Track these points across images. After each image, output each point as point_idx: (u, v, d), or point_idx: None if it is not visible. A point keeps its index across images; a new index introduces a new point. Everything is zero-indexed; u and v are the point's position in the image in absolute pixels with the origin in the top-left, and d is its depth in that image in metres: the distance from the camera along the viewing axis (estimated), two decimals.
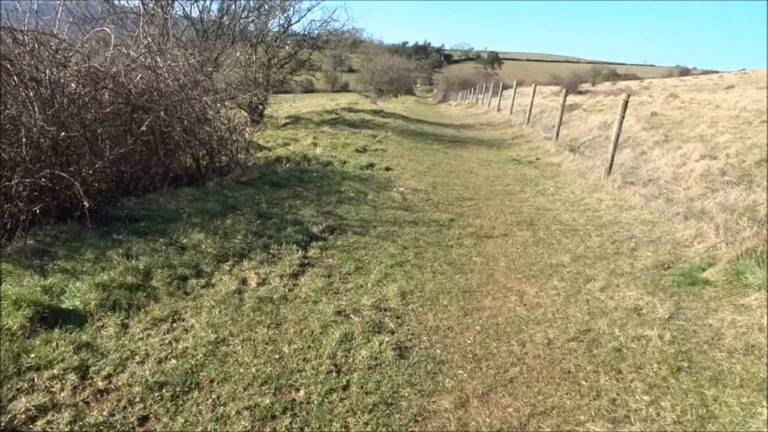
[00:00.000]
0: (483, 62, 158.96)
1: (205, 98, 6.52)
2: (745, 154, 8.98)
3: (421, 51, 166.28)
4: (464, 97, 44.30)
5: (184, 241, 4.41)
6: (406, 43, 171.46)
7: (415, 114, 24.97)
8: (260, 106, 16.95)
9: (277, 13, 16.75)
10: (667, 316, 3.80)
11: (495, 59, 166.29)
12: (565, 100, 12.61)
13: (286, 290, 3.89)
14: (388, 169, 8.73)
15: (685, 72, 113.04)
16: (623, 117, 8.54)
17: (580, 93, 48.91)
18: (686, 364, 3.20)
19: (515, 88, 20.82)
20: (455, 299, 4.03)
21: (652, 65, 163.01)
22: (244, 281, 3.95)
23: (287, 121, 14.39)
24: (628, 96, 8.53)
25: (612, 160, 8.67)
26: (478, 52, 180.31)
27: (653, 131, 12.26)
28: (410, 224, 5.74)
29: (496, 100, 25.41)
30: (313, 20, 17.80)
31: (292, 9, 16.74)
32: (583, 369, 3.16)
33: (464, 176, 9.05)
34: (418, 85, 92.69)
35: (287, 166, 7.91)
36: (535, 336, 3.54)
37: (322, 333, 3.32)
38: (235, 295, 3.70)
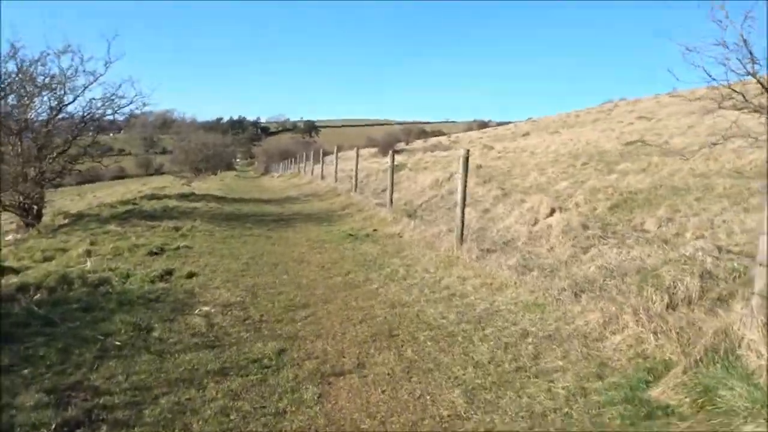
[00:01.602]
0: (300, 131, 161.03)
1: None
2: (593, 201, 8.31)
3: (237, 125, 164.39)
4: (286, 168, 43.00)
5: None
6: (221, 119, 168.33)
7: (233, 191, 22.78)
8: (34, 206, 13.76)
9: (43, 94, 13.90)
10: None
11: (312, 127, 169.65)
12: (393, 161, 11.48)
13: None
14: (191, 275, 6.57)
15: (483, 125, 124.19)
16: (466, 174, 7.38)
17: (397, 152, 50.30)
18: None
19: (336, 154, 19.73)
20: None
21: (454, 121, 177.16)
22: None
23: (65, 221, 11.51)
24: (468, 152, 7.43)
25: (462, 225, 7.43)
26: (294, 122, 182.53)
27: (487, 185, 11.55)
28: (217, 377, 3.70)
29: (318, 167, 24.23)
30: (94, 99, 14.56)
31: (62, 88, 14.00)
32: None
33: (294, 268, 7.20)
34: (238, 159, 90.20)
35: (36, 297, 5.43)
36: None
37: None
38: None
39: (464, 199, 7.38)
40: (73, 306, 5.16)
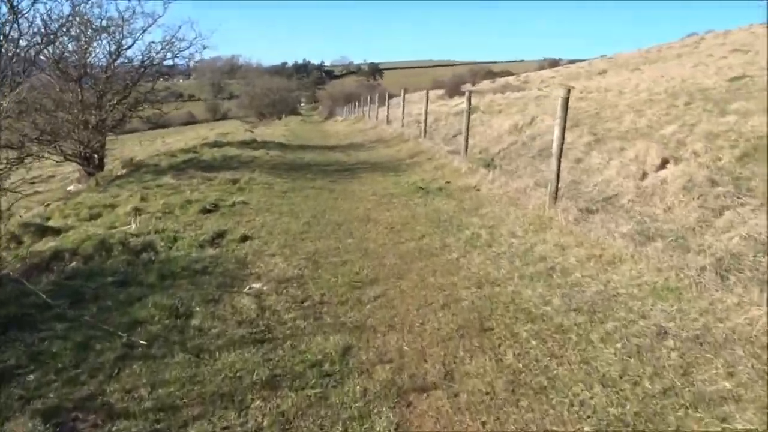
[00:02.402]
0: (364, 74, 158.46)
1: None
2: (714, 149, 6.91)
3: (302, 70, 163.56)
4: (350, 112, 41.93)
5: None
6: (286, 63, 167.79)
7: (297, 137, 22.08)
8: (95, 155, 13.47)
9: (101, 37, 13.34)
10: None
11: (376, 70, 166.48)
12: (470, 103, 10.25)
13: None
14: (245, 238, 5.80)
15: (554, 63, 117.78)
16: (565, 119, 6.16)
17: (464, 94, 48.08)
18: None
19: (403, 96, 18.50)
20: None
21: (522, 60, 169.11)
22: None
23: (123, 171, 11.07)
24: (568, 91, 6.17)
25: (557, 180, 6.27)
26: (359, 65, 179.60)
27: (575, 130, 10.17)
28: (264, 390, 2.87)
29: (383, 111, 23.07)
30: (153, 42, 13.90)
31: (120, 31, 13.38)
32: None
33: (359, 230, 6.31)
34: (303, 104, 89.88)
35: (71, 265, 4.80)
36: None
37: None
38: None
39: (561, 148, 6.19)
40: (108, 279, 4.47)
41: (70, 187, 13.17)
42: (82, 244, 5.18)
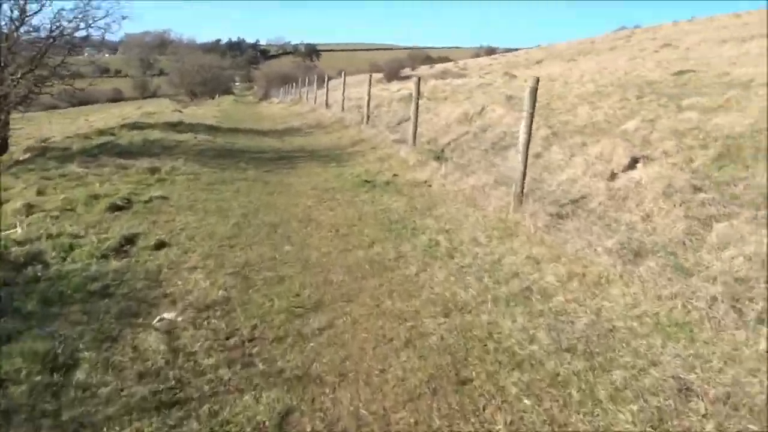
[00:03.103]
0: (301, 55, 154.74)
1: None
2: (687, 150, 6.43)
3: (236, 48, 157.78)
4: (287, 93, 40.39)
5: None
6: (219, 40, 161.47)
7: (229, 120, 20.69)
8: None
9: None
10: None
11: (313, 51, 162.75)
12: (418, 89, 9.46)
13: None
14: (160, 245, 4.81)
15: (491, 51, 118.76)
16: (533, 110, 5.48)
17: (403, 79, 47.37)
18: None
19: (344, 80, 17.54)
20: None
21: (458, 47, 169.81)
22: None
23: (25, 156, 9.65)
24: (537, 80, 5.48)
25: (524, 181, 5.59)
26: (295, 46, 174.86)
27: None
28: None
29: (322, 94, 22.00)
30: (63, 9, 12.25)
31: None
32: None
33: (299, 234, 5.43)
34: (237, 83, 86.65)
35: None
36: None
37: None
38: None
39: (528, 144, 5.51)
40: None
41: None
42: None
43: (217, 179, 7.85)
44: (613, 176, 6.11)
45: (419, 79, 9.76)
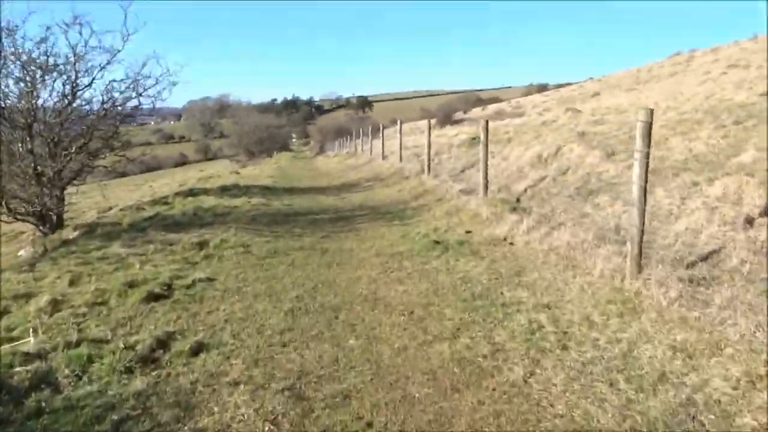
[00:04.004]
0: (353, 107, 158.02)
1: None
2: None
3: (291, 105, 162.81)
4: (342, 146, 40.32)
5: None
6: (275, 100, 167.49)
7: (285, 178, 20.28)
8: (50, 212, 11.62)
9: (52, 77, 11.57)
10: None
11: (365, 103, 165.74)
12: (487, 132, 8.48)
13: None
14: (198, 349, 3.91)
15: (542, 88, 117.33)
16: (648, 148, 4.35)
17: (457, 122, 46.71)
18: None
19: (400, 128, 16.81)
20: None
21: (510, 87, 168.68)
22: None
23: (75, 234, 9.19)
24: (651, 112, 4.38)
25: (641, 238, 4.43)
26: (347, 99, 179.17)
27: (615, 159, 8.41)
28: None
29: (377, 144, 21.37)
30: (114, 81, 12.00)
31: (73, 69, 11.62)
32: None
33: (365, 319, 4.44)
34: (294, 140, 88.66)
35: None
36: None
37: None
38: None
39: (645, 191, 4.37)
40: None
41: (21, 252, 11.26)
42: None
43: (269, 251, 7.02)
44: (749, 222, 4.87)
45: (487, 122, 8.79)
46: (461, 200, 9.11)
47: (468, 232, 7.36)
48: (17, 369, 3.51)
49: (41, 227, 11.59)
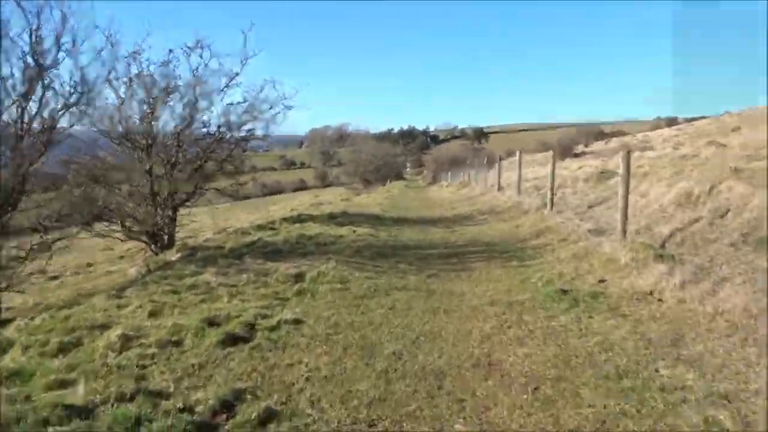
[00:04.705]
0: (469, 138, 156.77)
1: None
2: None
3: (407, 135, 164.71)
4: (455, 176, 39.46)
5: None
6: (392, 129, 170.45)
7: (396, 206, 19.73)
8: (162, 232, 11.74)
9: (172, 99, 11.79)
10: None
11: (480, 134, 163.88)
12: (628, 163, 7.27)
13: None
14: (267, 418, 3.17)
15: (672, 121, 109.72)
16: None
17: (578, 156, 44.34)
18: None
19: (519, 158, 15.67)
20: None
21: (635, 120, 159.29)
22: None
23: (176, 256, 9.03)
24: None
25: None
26: (463, 129, 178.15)
27: None
28: None
29: (493, 176, 20.26)
30: (231, 104, 12.01)
31: (193, 93, 11.79)
32: None
33: (477, 395, 3.48)
34: (408, 168, 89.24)
35: None
36: None
37: None
38: None
39: None
40: None
41: (132, 270, 11.42)
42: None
43: (369, 288, 6.26)
44: None
45: (628, 152, 7.55)
46: (591, 242, 7.89)
47: (602, 281, 6.19)
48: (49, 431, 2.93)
49: (152, 246, 11.74)
